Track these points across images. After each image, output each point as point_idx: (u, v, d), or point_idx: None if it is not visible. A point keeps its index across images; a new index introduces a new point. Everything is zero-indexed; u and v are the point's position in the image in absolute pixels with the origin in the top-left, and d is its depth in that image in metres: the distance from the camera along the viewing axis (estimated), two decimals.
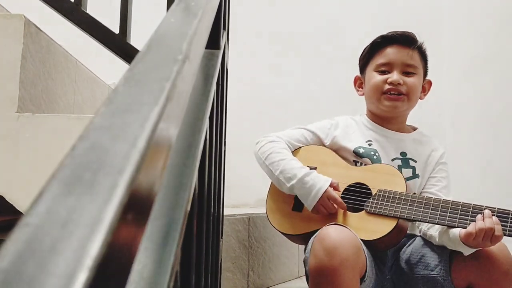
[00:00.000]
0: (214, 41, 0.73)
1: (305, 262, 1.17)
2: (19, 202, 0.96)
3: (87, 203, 0.18)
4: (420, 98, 1.28)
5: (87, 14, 1.16)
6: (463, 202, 1.04)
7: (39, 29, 1.10)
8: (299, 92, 2.44)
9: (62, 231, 0.16)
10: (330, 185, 1.12)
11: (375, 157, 1.21)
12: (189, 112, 0.52)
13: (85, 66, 1.45)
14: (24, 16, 1.04)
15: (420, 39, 1.26)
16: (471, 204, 1.03)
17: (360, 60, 1.32)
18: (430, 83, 1.31)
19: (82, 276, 0.15)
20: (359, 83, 1.33)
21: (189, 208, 0.41)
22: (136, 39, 1.19)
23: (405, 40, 1.23)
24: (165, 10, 1.16)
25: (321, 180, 1.12)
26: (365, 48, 1.30)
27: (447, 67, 2.39)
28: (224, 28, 0.84)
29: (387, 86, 1.21)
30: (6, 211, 1.16)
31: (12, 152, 0.98)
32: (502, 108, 2.10)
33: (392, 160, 1.22)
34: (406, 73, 1.22)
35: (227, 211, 1.27)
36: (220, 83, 0.76)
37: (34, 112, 1.04)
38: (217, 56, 0.71)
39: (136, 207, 0.20)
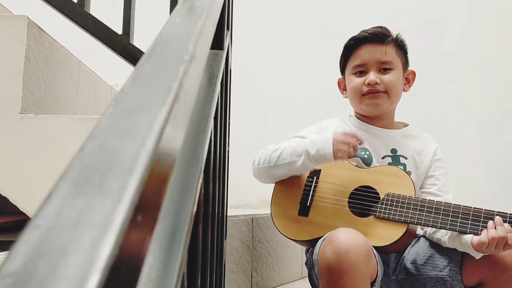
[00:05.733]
0: (218, 42, 0.73)
1: (307, 264, 1.16)
2: (23, 203, 0.96)
3: (97, 204, 0.18)
4: (405, 90, 1.27)
5: (90, 14, 1.16)
6: (474, 208, 1.03)
7: (42, 30, 1.10)
8: (303, 93, 2.43)
9: (72, 233, 0.16)
10: None
11: (366, 156, 1.20)
12: (194, 112, 0.52)
13: (88, 67, 1.45)
14: (27, 17, 1.04)
15: (393, 33, 1.24)
16: (482, 209, 1.02)
17: (339, 64, 1.32)
18: (413, 73, 1.29)
19: (94, 278, 0.15)
20: (343, 85, 1.32)
21: (195, 209, 0.41)
22: (139, 40, 1.19)
23: (376, 37, 1.22)
24: (168, 10, 1.16)
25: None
26: (342, 52, 1.30)
27: (450, 66, 2.39)
28: (227, 29, 0.84)
29: (365, 88, 1.21)
30: (10, 212, 1.16)
31: (16, 153, 0.98)
32: (505, 108, 2.09)
33: (383, 158, 1.21)
34: (383, 70, 1.21)
35: (230, 212, 1.27)
36: (224, 83, 0.76)
37: (37, 113, 1.04)
38: (221, 57, 0.70)
39: (145, 208, 0.20)
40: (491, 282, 1.01)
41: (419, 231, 1.22)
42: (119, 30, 1.17)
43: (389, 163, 1.19)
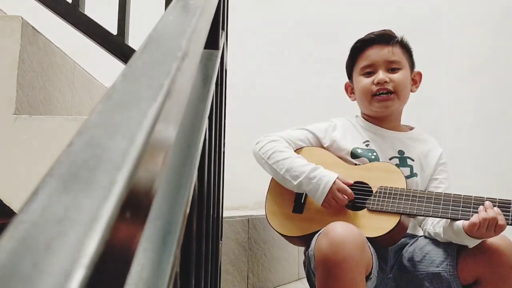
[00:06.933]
0: (213, 41, 0.72)
1: (305, 263, 1.17)
2: (17, 204, 0.95)
3: (84, 200, 0.17)
4: (412, 91, 1.29)
5: (85, 15, 1.15)
6: (464, 195, 1.06)
7: (36, 30, 1.09)
8: (299, 93, 2.43)
9: (58, 229, 0.16)
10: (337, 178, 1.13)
11: (373, 156, 1.21)
12: (188, 111, 0.52)
13: (82, 68, 1.44)
14: (21, 18, 1.03)
15: (398, 34, 1.26)
16: (472, 196, 1.05)
17: (346, 67, 1.34)
18: (420, 74, 1.31)
19: (79, 274, 0.14)
20: (350, 89, 1.34)
21: (188, 209, 0.41)
22: (134, 41, 1.18)
23: (383, 38, 1.24)
24: (163, 11, 1.15)
25: (328, 173, 1.13)
26: (348, 56, 1.32)
27: (447, 67, 2.39)
28: (222, 29, 0.84)
29: (375, 87, 1.22)
30: (3, 213, 1.15)
31: (10, 154, 0.97)
32: (501, 109, 2.10)
33: (390, 159, 1.23)
34: (391, 70, 1.23)
35: (226, 213, 1.26)
36: (219, 83, 0.75)
37: (32, 114, 1.04)
38: (216, 56, 0.70)
39: (134, 205, 0.20)
40: (488, 280, 1.02)
41: (419, 232, 1.23)
42: (114, 30, 1.17)
43: (396, 164, 1.21)
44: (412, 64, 1.29)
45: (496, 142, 2.11)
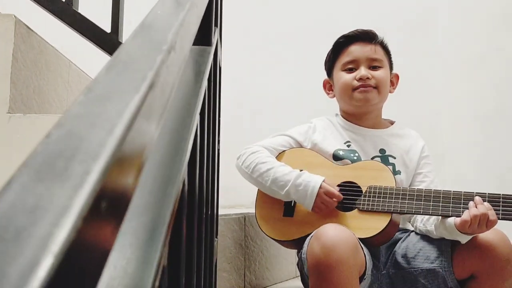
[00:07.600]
0: (205, 37, 0.72)
1: (298, 265, 1.16)
2: None
3: (57, 190, 0.17)
4: (390, 92, 1.30)
5: (78, 13, 1.15)
6: (453, 191, 1.05)
7: (30, 29, 1.09)
8: (296, 91, 2.43)
9: (28, 218, 0.16)
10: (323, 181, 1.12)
11: (355, 157, 1.21)
12: (179, 108, 0.52)
13: (78, 67, 1.44)
14: (14, 16, 1.03)
15: (380, 35, 1.28)
16: (461, 192, 1.05)
17: (326, 63, 1.35)
18: (397, 76, 1.33)
19: (47, 262, 0.14)
20: (328, 86, 1.34)
21: (177, 205, 0.40)
22: None
23: (367, 36, 1.26)
24: None
25: (313, 178, 1.12)
26: (329, 51, 1.32)
27: (443, 66, 2.39)
28: (216, 25, 0.83)
29: (356, 83, 1.23)
30: None
31: (4, 153, 0.97)
32: (498, 106, 2.10)
33: (372, 158, 1.22)
34: (373, 67, 1.24)
35: (222, 211, 1.26)
36: (212, 80, 0.75)
37: (26, 112, 1.03)
38: (209, 53, 0.70)
39: (111, 196, 0.20)
40: (483, 274, 1.02)
41: (410, 226, 1.23)
42: (108, 28, 1.16)
43: None
44: (391, 66, 1.30)
45: (494, 140, 2.11)
